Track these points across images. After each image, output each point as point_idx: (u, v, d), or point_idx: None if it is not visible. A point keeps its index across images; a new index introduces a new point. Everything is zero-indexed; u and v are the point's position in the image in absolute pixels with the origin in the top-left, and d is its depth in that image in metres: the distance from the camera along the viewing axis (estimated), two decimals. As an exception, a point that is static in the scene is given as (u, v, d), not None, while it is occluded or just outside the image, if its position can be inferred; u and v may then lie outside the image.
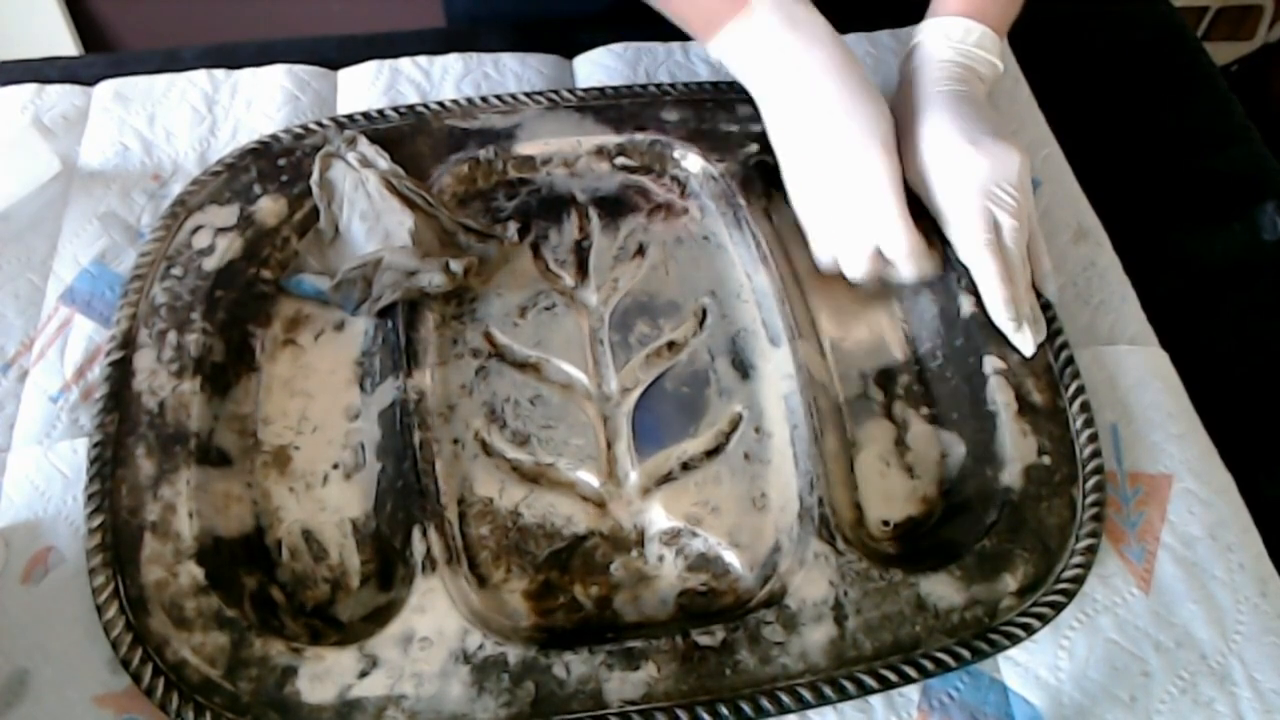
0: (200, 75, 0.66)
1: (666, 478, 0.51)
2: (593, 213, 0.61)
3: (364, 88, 0.66)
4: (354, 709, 0.43)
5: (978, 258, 0.54)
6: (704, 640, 0.45)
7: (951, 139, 0.55)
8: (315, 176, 0.57)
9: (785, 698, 0.44)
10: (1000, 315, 0.53)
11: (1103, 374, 0.56)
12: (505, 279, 0.58)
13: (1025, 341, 0.54)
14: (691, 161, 0.62)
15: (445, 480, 0.50)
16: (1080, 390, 0.53)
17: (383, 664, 0.44)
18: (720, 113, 0.63)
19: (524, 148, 0.61)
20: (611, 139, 0.62)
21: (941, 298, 0.57)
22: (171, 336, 0.52)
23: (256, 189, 0.58)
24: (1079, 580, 0.48)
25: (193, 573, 0.46)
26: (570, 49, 0.70)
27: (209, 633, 0.44)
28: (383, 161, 0.57)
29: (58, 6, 1.30)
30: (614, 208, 0.61)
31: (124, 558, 0.46)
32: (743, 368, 0.55)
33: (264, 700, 0.43)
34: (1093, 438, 0.52)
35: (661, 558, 0.50)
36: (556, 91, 0.63)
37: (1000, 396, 0.53)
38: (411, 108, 0.62)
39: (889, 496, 0.52)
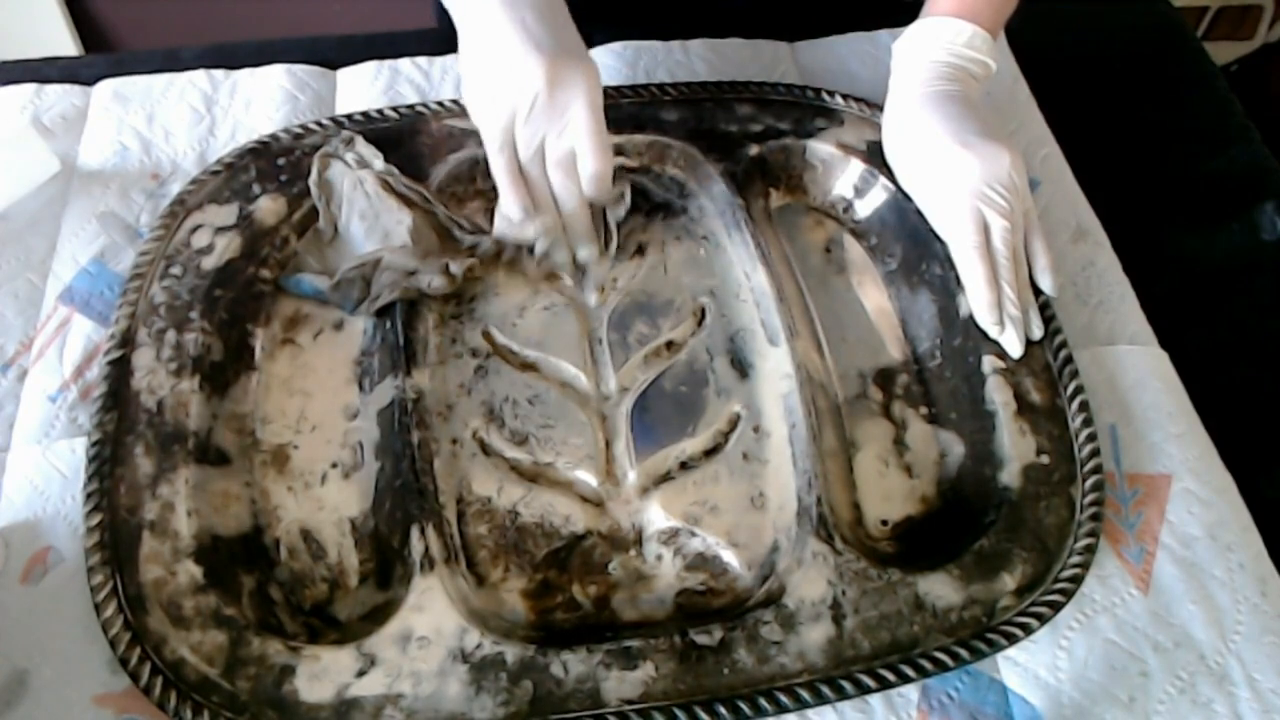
0: (199, 75, 0.66)
1: (665, 477, 0.51)
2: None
3: (363, 88, 0.66)
4: (352, 708, 0.43)
5: (965, 260, 0.54)
6: (702, 640, 0.45)
7: (941, 140, 0.55)
8: (313, 176, 0.57)
9: (783, 697, 0.44)
10: (984, 318, 0.54)
11: (1102, 374, 0.56)
12: (504, 279, 0.58)
13: (1011, 343, 0.54)
14: (691, 161, 0.62)
15: (444, 479, 0.50)
16: (1079, 390, 0.53)
17: (381, 663, 0.44)
18: (720, 113, 0.63)
19: (523, 147, 0.61)
20: (611, 138, 0.62)
21: (941, 297, 0.57)
22: (170, 335, 0.52)
23: (256, 188, 0.58)
24: (1077, 580, 0.48)
25: (191, 571, 0.46)
26: (570, 49, 0.70)
27: (207, 631, 0.44)
28: (378, 162, 0.57)
29: (58, 6, 1.30)
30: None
31: (122, 557, 0.46)
32: (741, 367, 0.55)
33: (262, 699, 0.43)
34: (1091, 437, 0.52)
35: (660, 557, 0.50)
36: (556, 91, 0.63)
37: (999, 396, 0.53)
38: (411, 108, 0.62)
39: (887, 496, 0.52)
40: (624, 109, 0.63)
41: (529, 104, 0.51)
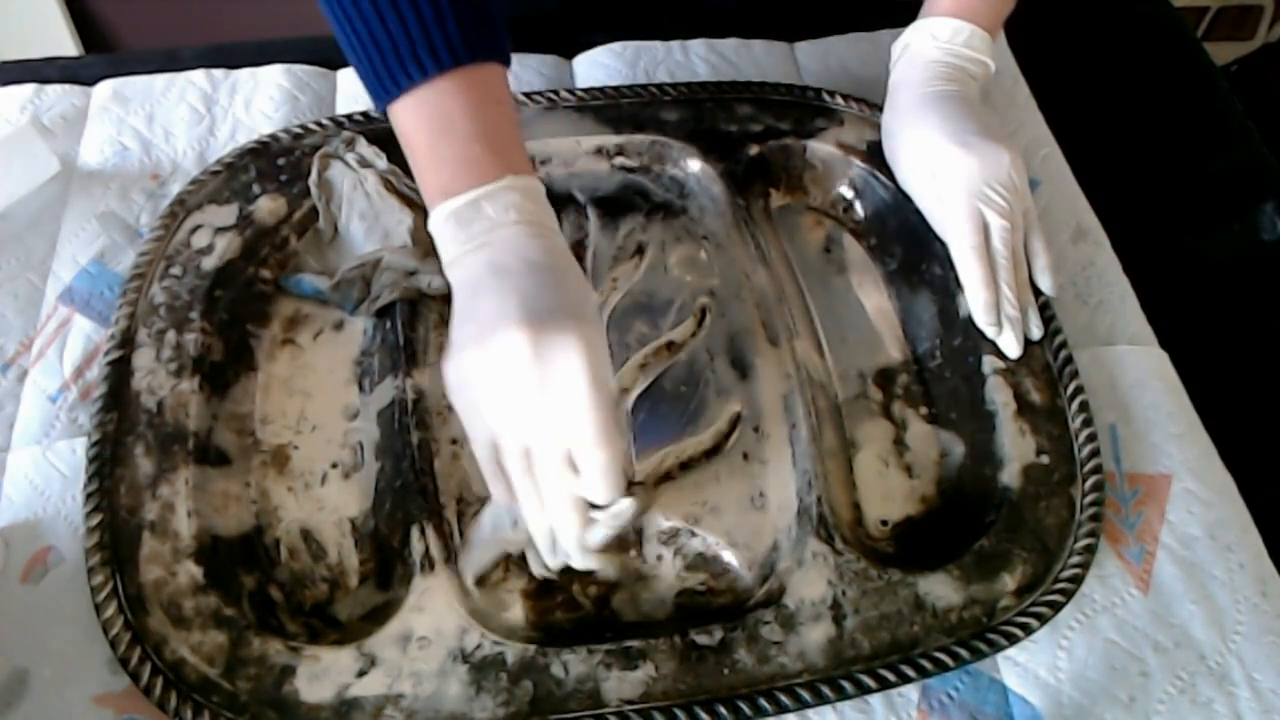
0: (199, 75, 0.66)
1: (665, 477, 0.51)
2: (592, 213, 0.61)
3: (363, 88, 0.66)
4: (352, 708, 0.43)
5: (963, 260, 0.54)
6: (702, 640, 0.45)
7: (939, 140, 0.55)
8: (313, 176, 0.57)
9: (783, 697, 0.44)
10: (981, 318, 0.54)
11: (1102, 374, 0.56)
12: (504, 278, 0.58)
13: (1009, 343, 0.54)
14: (691, 161, 0.62)
15: (444, 479, 0.50)
16: (1079, 390, 0.53)
17: (381, 663, 0.44)
18: (720, 113, 0.63)
19: (523, 147, 0.61)
20: (610, 139, 0.62)
21: (941, 297, 0.57)
22: (170, 336, 0.52)
23: (255, 188, 0.58)
24: (1077, 580, 0.48)
25: (191, 572, 0.46)
26: (570, 49, 0.70)
27: (207, 632, 0.44)
28: (381, 161, 0.57)
29: (58, 6, 1.30)
30: (613, 208, 0.61)
31: (123, 557, 0.46)
32: (741, 367, 0.55)
33: (262, 699, 0.43)
34: (1091, 437, 0.52)
35: (660, 557, 0.50)
36: (556, 91, 0.63)
37: (999, 396, 0.53)
38: (411, 107, 0.62)
39: (887, 496, 0.52)
40: (624, 109, 0.63)
41: (507, 387, 0.41)
